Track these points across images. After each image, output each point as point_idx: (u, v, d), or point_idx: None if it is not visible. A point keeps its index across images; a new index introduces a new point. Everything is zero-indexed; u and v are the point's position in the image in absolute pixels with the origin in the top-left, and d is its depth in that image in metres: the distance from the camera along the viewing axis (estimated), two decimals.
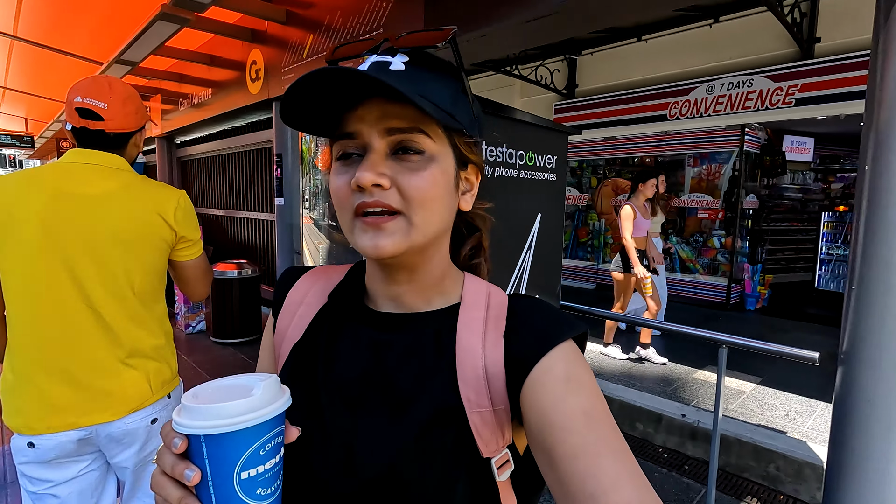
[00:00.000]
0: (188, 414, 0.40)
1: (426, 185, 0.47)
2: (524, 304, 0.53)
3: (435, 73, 0.49)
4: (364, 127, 0.47)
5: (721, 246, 6.01)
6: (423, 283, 0.54)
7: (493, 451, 0.49)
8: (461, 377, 0.49)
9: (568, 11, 2.31)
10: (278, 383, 0.44)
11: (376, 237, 0.47)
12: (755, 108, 5.30)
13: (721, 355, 1.92)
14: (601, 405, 0.46)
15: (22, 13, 5.10)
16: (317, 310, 0.60)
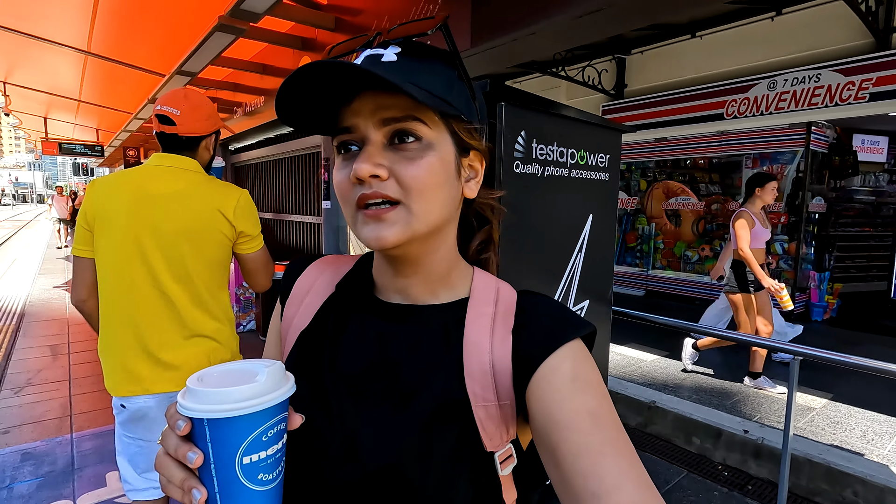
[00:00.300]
0: (193, 397, 0.40)
1: (423, 173, 0.47)
2: (533, 301, 0.54)
3: (428, 62, 0.49)
4: (359, 120, 0.48)
5: (784, 252, 5.64)
6: (429, 276, 0.54)
7: (497, 445, 0.49)
8: (468, 371, 0.49)
9: (620, 5, 2.22)
10: (283, 370, 0.45)
11: (377, 228, 0.47)
12: (823, 104, 4.94)
13: (793, 367, 1.77)
14: (607, 405, 0.46)
15: (95, 30, 5.48)
16: (324, 299, 0.60)
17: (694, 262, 6.48)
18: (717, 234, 6.25)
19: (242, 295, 5.19)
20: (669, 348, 4.34)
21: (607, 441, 0.42)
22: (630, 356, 4.20)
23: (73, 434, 2.79)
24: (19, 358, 4.05)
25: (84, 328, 5.02)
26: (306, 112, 0.50)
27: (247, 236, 1.48)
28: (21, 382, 3.54)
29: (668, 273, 6.79)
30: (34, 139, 16.67)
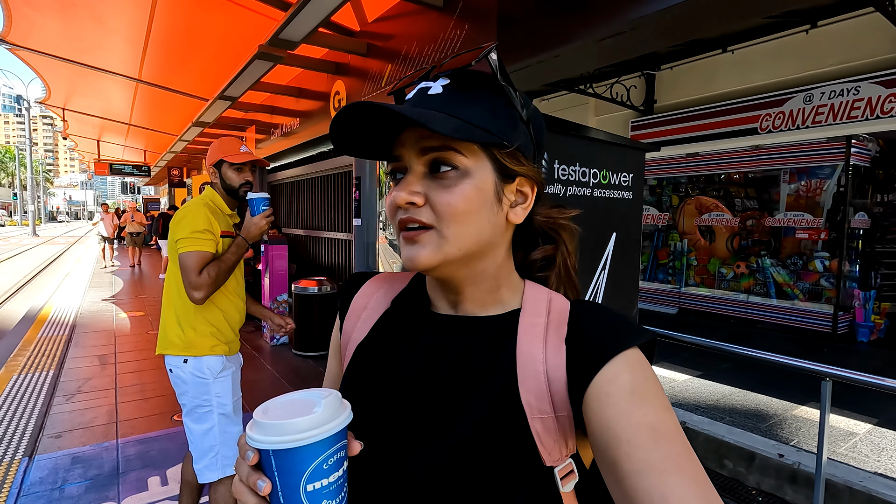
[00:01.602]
0: (259, 429, 0.43)
1: (456, 200, 0.49)
2: (587, 308, 0.53)
3: (473, 91, 0.51)
4: (404, 150, 0.51)
5: (825, 269, 5.43)
6: (477, 293, 0.55)
7: (557, 459, 0.48)
8: (522, 382, 0.49)
9: (644, 27, 2.26)
10: (339, 399, 0.47)
11: (411, 249, 0.50)
12: (863, 117, 4.80)
13: (824, 389, 1.73)
14: (669, 419, 0.44)
15: (146, 60, 5.87)
16: (380, 314, 0.62)
17: (729, 280, 6.30)
18: (754, 251, 6.07)
19: (276, 309, 5.36)
20: (702, 368, 4.24)
21: (670, 457, 0.41)
22: (661, 376, 4.11)
23: (119, 440, 2.95)
24: (71, 367, 4.30)
25: (129, 339, 5.28)
26: (365, 141, 0.54)
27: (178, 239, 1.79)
28: (72, 390, 3.76)
29: (702, 290, 6.62)
30: (87, 160, 17.76)
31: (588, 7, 2.36)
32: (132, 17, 4.74)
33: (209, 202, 1.85)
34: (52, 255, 16.65)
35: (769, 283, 5.85)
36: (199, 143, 9.58)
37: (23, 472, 2.55)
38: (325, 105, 5.32)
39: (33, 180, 31.59)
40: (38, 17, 5.00)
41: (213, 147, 1.91)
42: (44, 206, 62.78)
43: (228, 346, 1.86)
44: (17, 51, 5.99)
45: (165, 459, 2.73)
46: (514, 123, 0.52)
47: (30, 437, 2.96)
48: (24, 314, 6.58)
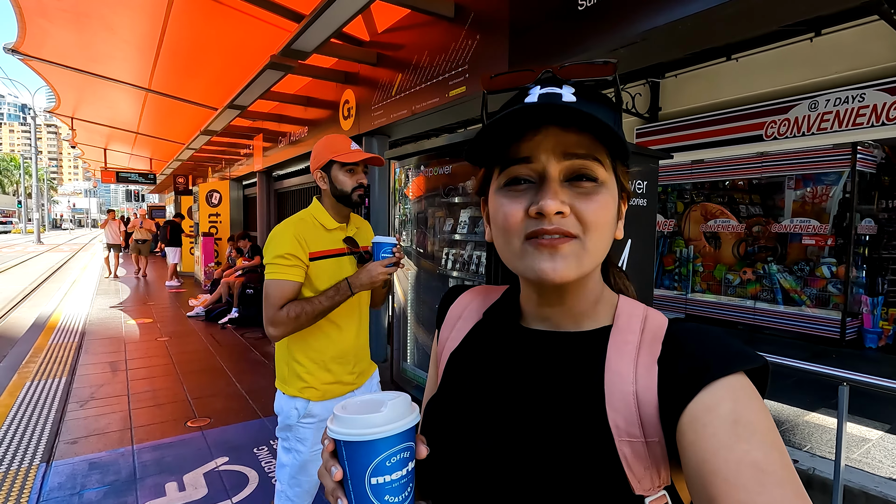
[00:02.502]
0: (336, 421, 0.47)
1: (601, 210, 0.48)
2: (686, 328, 0.49)
3: (600, 105, 0.50)
4: (541, 152, 0.48)
5: (832, 275, 5.44)
6: (575, 307, 0.53)
7: (648, 489, 0.45)
8: (609, 402, 0.47)
9: (655, 38, 2.30)
10: (408, 402, 0.49)
11: (553, 259, 0.47)
12: (869, 124, 4.83)
13: (842, 394, 1.74)
14: (779, 458, 0.39)
15: (157, 70, 5.94)
16: (472, 324, 0.63)
17: (735, 286, 6.31)
18: (760, 257, 6.09)
19: None
20: None
21: (777, 503, 0.36)
22: None
23: (134, 446, 2.97)
24: (82, 374, 4.33)
25: (139, 346, 5.31)
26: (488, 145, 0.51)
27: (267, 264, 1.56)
28: (85, 396, 3.78)
29: (708, 297, 6.63)
30: (93, 168, 17.90)
31: (600, 18, 2.40)
32: (145, 27, 4.81)
33: (306, 218, 1.61)
34: (58, 263, 16.73)
35: (776, 290, 5.86)
36: (206, 152, 9.66)
37: (41, 478, 2.57)
38: (335, 113, 5.38)
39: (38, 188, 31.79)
40: (52, 28, 5.08)
41: (319, 147, 1.63)
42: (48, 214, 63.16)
43: (321, 389, 1.56)
44: (29, 61, 6.08)
45: (181, 465, 2.75)
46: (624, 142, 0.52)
47: (46, 443, 2.98)
48: (33, 321, 6.62)
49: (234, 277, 7.02)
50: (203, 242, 9.69)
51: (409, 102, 3.98)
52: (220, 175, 11.51)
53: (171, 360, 4.82)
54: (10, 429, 3.17)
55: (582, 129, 0.46)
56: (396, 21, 4.16)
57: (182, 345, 5.44)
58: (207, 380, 4.23)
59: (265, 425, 3.31)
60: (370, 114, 4.59)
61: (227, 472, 2.69)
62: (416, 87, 3.90)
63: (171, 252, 10.52)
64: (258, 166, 8.16)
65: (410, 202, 3.17)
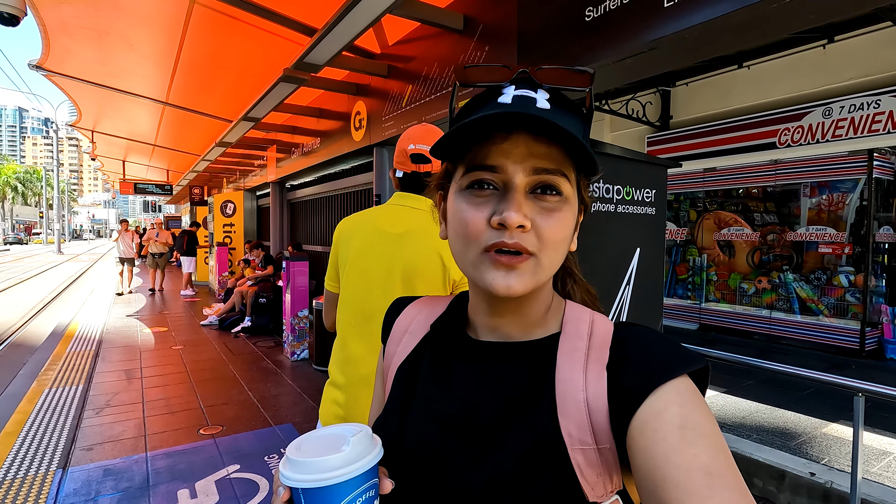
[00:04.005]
0: (290, 466, 0.43)
1: (560, 227, 0.47)
2: (631, 332, 0.49)
3: (572, 115, 0.48)
4: (509, 163, 0.46)
5: (850, 284, 5.34)
6: (526, 317, 0.53)
7: (601, 495, 0.45)
8: (561, 411, 0.46)
9: (663, 47, 2.30)
10: (369, 436, 0.46)
11: (508, 277, 0.46)
12: (885, 130, 4.77)
13: (857, 405, 1.71)
14: (724, 459, 0.39)
15: (174, 84, 6.09)
16: (420, 337, 0.61)
17: (750, 295, 6.22)
18: (775, 266, 6.00)
19: (297, 325, 5.43)
20: (726, 384, 4.17)
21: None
22: None
23: (148, 453, 3.01)
24: (98, 381, 4.40)
25: (153, 354, 5.39)
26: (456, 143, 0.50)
27: (458, 285, 1.31)
28: (101, 404, 3.84)
29: (722, 306, 6.54)
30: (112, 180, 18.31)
31: (607, 29, 2.42)
32: (163, 43, 4.95)
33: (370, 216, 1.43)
34: (77, 273, 17.08)
35: (792, 299, 5.76)
36: (221, 163, 9.84)
37: (57, 484, 2.62)
38: (346, 125, 5.46)
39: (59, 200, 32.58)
40: (74, 45, 5.24)
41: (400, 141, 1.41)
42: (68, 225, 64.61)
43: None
44: (52, 77, 6.28)
45: (194, 472, 2.77)
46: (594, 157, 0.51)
47: (63, 449, 3.04)
48: (52, 330, 6.75)
49: (246, 287, 7.11)
50: (217, 252, 9.83)
51: (419, 113, 4.03)
52: (235, 186, 11.70)
53: (184, 368, 4.89)
54: (29, 435, 3.23)
55: (553, 140, 0.45)
56: (407, 34, 4.22)
57: (196, 353, 5.50)
58: (220, 388, 4.27)
59: (276, 433, 3.33)
60: (381, 125, 4.65)
61: (238, 480, 2.71)
62: (425, 99, 3.95)
63: (187, 262, 10.68)
64: (272, 177, 8.29)
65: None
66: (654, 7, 2.18)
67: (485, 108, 0.48)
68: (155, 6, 4.24)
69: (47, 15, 4.38)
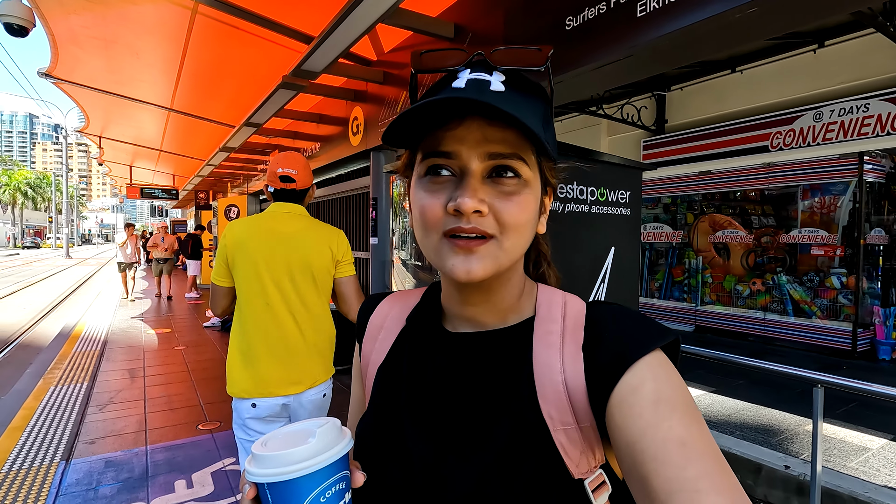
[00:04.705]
0: (256, 462, 0.42)
1: (520, 210, 0.47)
2: (603, 310, 0.50)
3: (530, 96, 0.48)
4: (464, 149, 0.46)
5: (843, 286, 5.39)
6: (499, 304, 0.53)
7: (585, 472, 0.46)
8: (541, 394, 0.47)
9: (640, 55, 2.40)
10: (337, 427, 0.45)
11: (468, 261, 0.46)
12: (874, 133, 4.83)
13: (816, 396, 1.79)
14: (698, 430, 0.41)
15: (178, 90, 6.26)
16: (396, 333, 0.60)
17: (745, 297, 6.27)
18: (769, 268, 6.05)
19: None
20: (716, 384, 4.24)
21: (702, 475, 0.38)
22: None
23: (148, 446, 3.12)
24: (103, 379, 4.53)
25: (156, 354, 5.52)
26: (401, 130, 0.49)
27: (344, 262, 1.80)
28: (104, 401, 3.96)
29: (718, 308, 6.59)
30: (119, 185, 18.60)
31: (586, 37, 2.52)
32: (167, 51, 5.10)
33: None
34: (84, 276, 17.33)
35: (786, 300, 5.81)
36: (225, 168, 10.01)
37: (60, 474, 2.73)
38: (345, 130, 5.58)
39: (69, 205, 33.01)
40: (82, 54, 5.41)
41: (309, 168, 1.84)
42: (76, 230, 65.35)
43: None
44: (61, 84, 6.46)
45: (191, 465, 2.88)
46: (554, 135, 0.51)
47: (66, 442, 3.15)
48: (59, 331, 6.91)
49: None
50: None
51: None
52: (239, 190, 11.87)
53: (186, 367, 5.00)
54: (34, 429, 3.36)
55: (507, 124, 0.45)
56: (401, 41, 4.35)
57: (197, 353, 5.63)
58: (220, 386, 4.38)
59: None
60: (377, 130, 4.77)
61: (233, 472, 2.81)
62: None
63: (192, 265, 10.84)
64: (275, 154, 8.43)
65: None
66: (628, 17, 2.28)
67: (439, 94, 0.46)
68: (159, 16, 4.39)
69: (56, 25, 4.54)
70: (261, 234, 1.69)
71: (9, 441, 3.16)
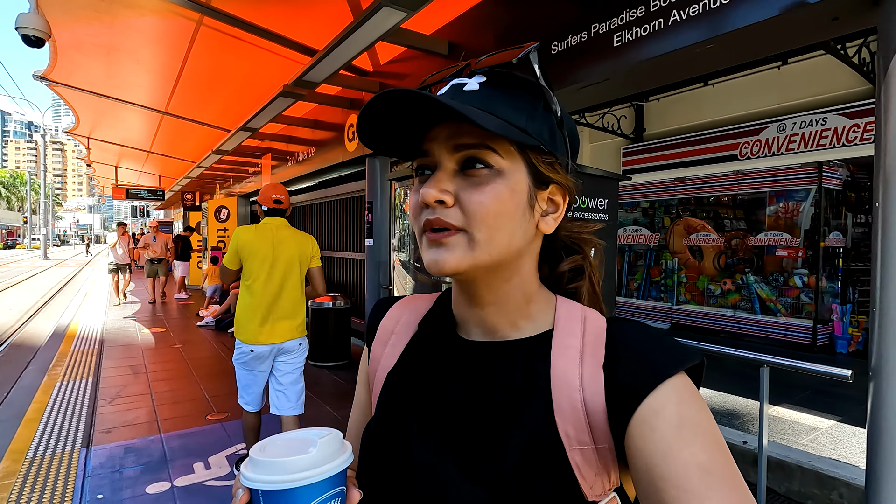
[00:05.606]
0: (252, 467, 0.41)
1: (488, 200, 0.46)
2: (625, 329, 0.49)
3: (511, 90, 0.48)
4: (434, 145, 0.48)
5: (804, 285, 5.82)
6: (504, 306, 0.52)
7: (599, 494, 0.45)
8: (558, 410, 0.46)
9: (615, 80, 2.71)
10: (339, 440, 0.45)
11: (437, 253, 0.47)
12: (831, 145, 5.26)
13: (763, 375, 2.11)
14: (722, 457, 0.40)
15: (175, 94, 6.41)
16: (407, 339, 0.59)
17: (717, 296, 6.68)
18: (739, 269, 6.47)
19: None
20: None
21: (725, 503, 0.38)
22: None
23: (162, 434, 3.32)
24: (106, 376, 4.69)
25: (156, 352, 5.67)
26: (391, 137, 0.50)
27: (315, 258, 2.80)
28: (112, 395, 4.13)
29: (692, 306, 6.99)
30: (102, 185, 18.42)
31: (569, 61, 2.83)
32: (168, 59, 5.28)
33: None
34: (66, 277, 17.13)
35: (754, 299, 6.23)
36: (215, 169, 10.13)
37: (84, 459, 2.93)
38: (340, 135, 5.82)
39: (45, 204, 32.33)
40: (83, 59, 5.55)
41: (289, 198, 2.80)
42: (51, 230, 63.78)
43: None
44: (55, 87, 6.56)
45: (206, 450, 3.10)
46: (551, 128, 0.49)
47: (83, 432, 3.34)
48: (53, 331, 6.98)
49: None
50: (211, 256, 10.08)
51: None
52: (227, 191, 11.96)
53: (186, 364, 5.18)
54: (50, 420, 3.53)
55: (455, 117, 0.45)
56: (398, 54, 4.62)
57: (195, 351, 5.79)
58: (222, 382, 4.58)
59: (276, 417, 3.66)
60: None
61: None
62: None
63: (180, 266, 10.90)
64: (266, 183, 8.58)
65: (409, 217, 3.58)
66: (606, 46, 2.59)
67: None
68: (164, 26, 4.58)
69: (60, 34, 4.68)
70: (264, 238, 2.61)
71: (28, 431, 3.33)
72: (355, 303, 6.12)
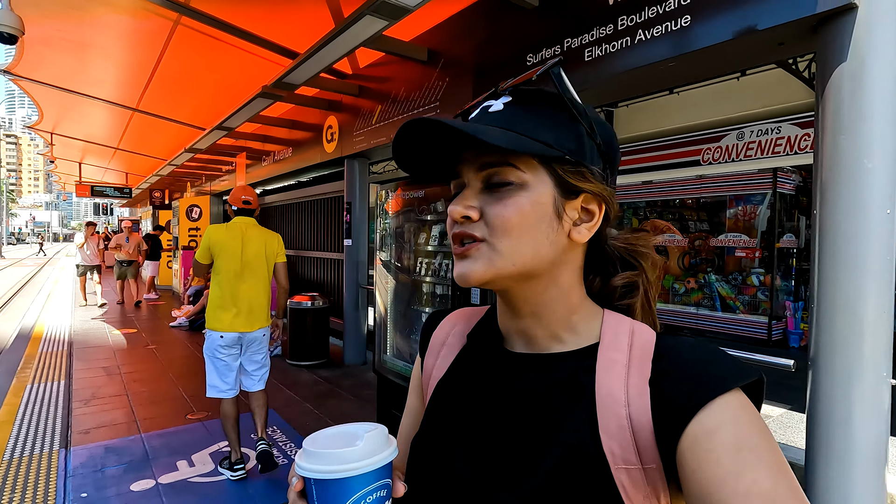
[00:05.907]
0: (306, 457, 0.44)
1: (509, 212, 0.47)
2: (675, 342, 0.47)
3: (534, 107, 0.50)
4: (464, 167, 0.51)
5: (760, 283, 6.18)
6: (544, 317, 0.52)
7: None
8: (603, 427, 0.44)
9: (588, 90, 2.88)
10: (384, 435, 0.47)
11: (462, 265, 0.49)
12: (784, 152, 5.61)
13: None
14: (787, 483, 0.38)
15: (147, 92, 6.31)
16: (457, 350, 0.61)
17: (681, 294, 7.01)
18: (702, 268, 6.81)
19: None
20: None
21: None
22: None
23: (143, 434, 3.33)
24: (79, 377, 4.62)
25: (128, 353, 5.59)
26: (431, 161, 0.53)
27: (280, 254, 3.04)
28: (87, 396, 4.09)
29: (658, 305, 7.28)
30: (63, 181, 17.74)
31: None
32: (143, 56, 5.21)
33: None
34: (24, 278, 16.45)
35: (715, 297, 6.57)
36: (186, 167, 9.95)
37: (64, 460, 2.92)
38: (318, 136, 5.86)
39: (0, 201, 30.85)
40: (50, 54, 5.42)
41: (257, 199, 3.08)
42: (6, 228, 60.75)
43: None
44: (19, 81, 6.36)
45: (188, 448, 3.13)
46: (578, 138, 0.49)
47: (60, 433, 3.31)
48: (17, 332, 6.77)
49: None
50: (182, 256, 9.91)
51: (387, 131, 4.51)
52: (198, 190, 11.75)
53: (161, 364, 5.14)
54: (24, 423, 3.48)
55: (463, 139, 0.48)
56: (377, 59, 4.70)
57: (170, 351, 5.74)
58: (200, 381, 4.53)
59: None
60: (352, 138, 5.09)
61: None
62: (394, 118, 4.43)
63: (150, 265, 10.66)
64: (240, 183, 8.51)
65: (390, 217, 3.67)
66: (578, 60, 2.76)
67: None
68: (140, 24, 4.53)
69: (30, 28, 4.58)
70: (234, 235, 2.84)
71: (2, 433, 3.29)
72: (333, 302, 6.17)
